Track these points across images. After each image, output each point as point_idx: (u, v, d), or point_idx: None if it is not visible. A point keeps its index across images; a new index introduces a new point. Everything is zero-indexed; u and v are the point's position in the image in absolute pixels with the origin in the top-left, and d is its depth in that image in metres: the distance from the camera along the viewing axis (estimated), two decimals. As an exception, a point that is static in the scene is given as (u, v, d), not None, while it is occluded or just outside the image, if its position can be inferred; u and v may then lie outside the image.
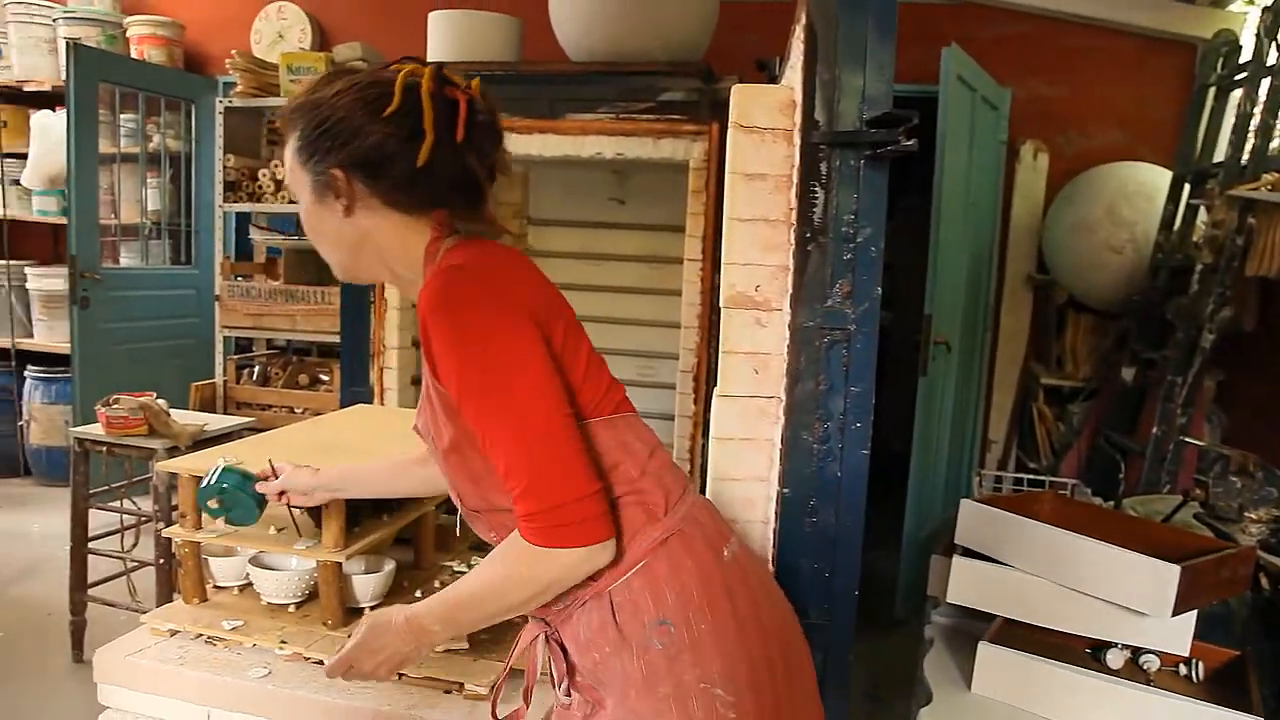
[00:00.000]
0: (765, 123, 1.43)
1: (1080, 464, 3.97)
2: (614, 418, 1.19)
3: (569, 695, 1.26)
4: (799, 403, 1.41)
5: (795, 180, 1.40)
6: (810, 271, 1.37)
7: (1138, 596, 1.60)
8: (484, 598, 1.15)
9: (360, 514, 2.03)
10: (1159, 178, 3.79)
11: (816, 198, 1.34)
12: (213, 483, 1.65)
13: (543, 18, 3.33)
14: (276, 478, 1.73)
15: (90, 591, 3.08)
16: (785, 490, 1.44)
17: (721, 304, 1.48)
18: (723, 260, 1.48)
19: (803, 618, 1.51)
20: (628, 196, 3.89)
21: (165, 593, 2.93)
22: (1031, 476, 3.05)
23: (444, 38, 3.37)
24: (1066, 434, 4.15)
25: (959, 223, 3.65)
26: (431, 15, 3.42)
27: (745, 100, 1.42)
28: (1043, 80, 4.24)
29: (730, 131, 1.44)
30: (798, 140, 1.39)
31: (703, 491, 3.00)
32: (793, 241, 1.40)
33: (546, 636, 1.25)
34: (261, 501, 1.76)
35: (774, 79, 2.65)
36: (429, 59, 3.46)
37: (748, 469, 1.54)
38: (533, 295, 1.17)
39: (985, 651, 1.63)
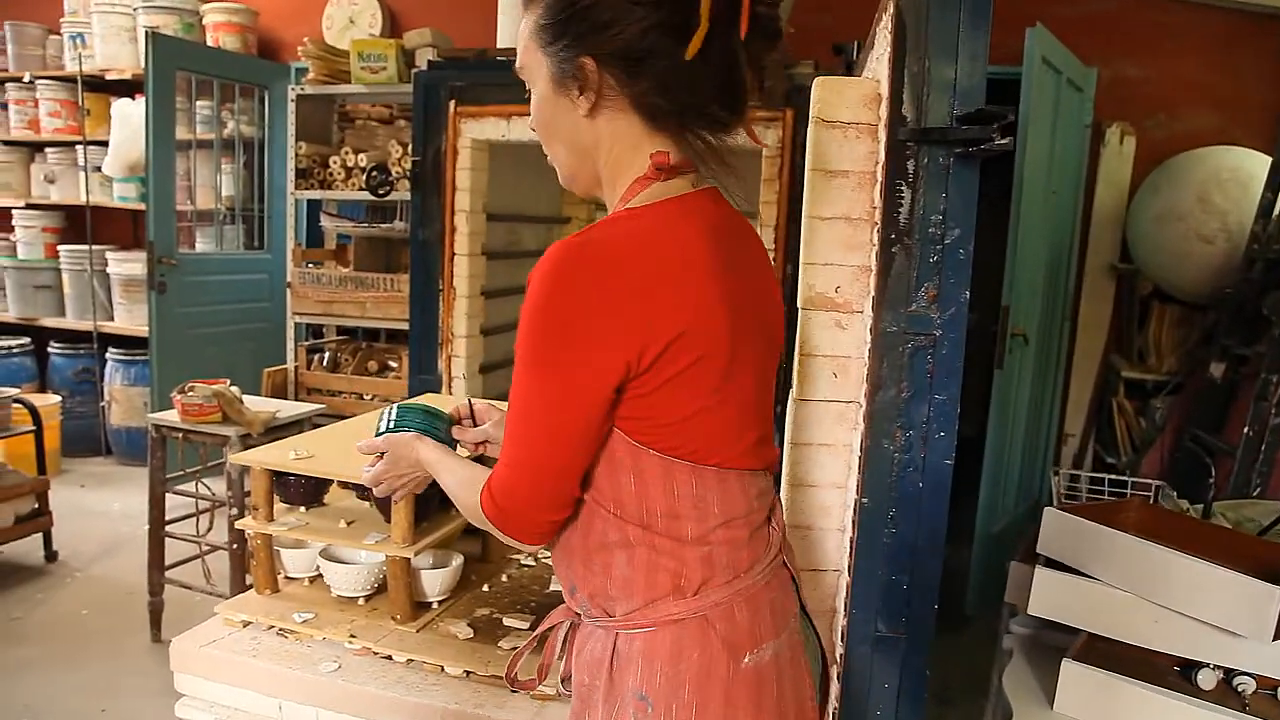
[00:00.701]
0: (848, 117, 1.37)
1: (1163, 462, 3.82)
2: (703, 468, 1.03)
3: (566, 689, 1.25)
4: (880, 410, 1.36)
5: (880, 178, 1.33)
6: (895, 274, 1.31)
7: (1234, 618, 1.51)
8: (454, 495, 1.21)
9: (429, 508, 2.03)
10: (1255, 163, 3.60)
11: (903, 197, 1.28)
12: (389, 427, 1.36)
13: (614, 2, 3.29)
14: (475, 422, 1.43)
15: (167, 573, 3.16)
16: (864, 500, 1.39)
17: (800, 305, 1.42)
18: (802, 260, 1.43)
19: (877, 630, 1.46)
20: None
21: (239, 577, 2.99)
22: (1112, 477, 2.93)
23: (513, 21, 3.34)
24: (1148, 430, 4.00)
25: (1039, 210, 3.52)
26: (502, 1, 3.40)
27: (828, 93, 1.36)
28: (1130, 60, 4.06)
29: (812, 126, 1.38)
30: (883, 136, 1.33)
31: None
32: (876, 242, 1.34)
33: (572, 625, 1.22)
34: (453, 447, 1.46)
35: (850, 65, 2.56)
36: (498, 44, 3.46)
37: (825, 475, 1.50)
38: (650, 315, 0.96)
39: (1069, 669, 1.56)
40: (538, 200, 3.78)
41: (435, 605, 2.03)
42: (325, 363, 4.06)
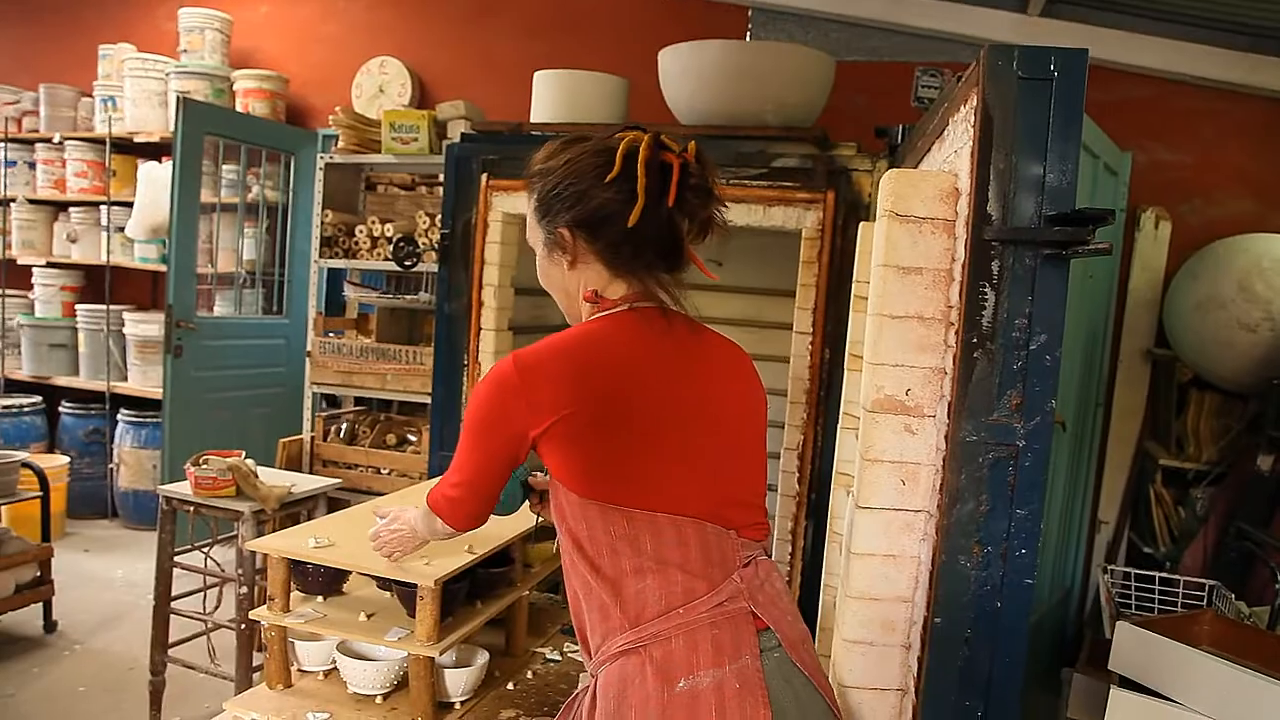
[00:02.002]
0: (923, 212, 1.30)
1: (1206, 555, 3.68)
2: (635, 512, 1.26)
3: None
4: (956, 524, 1.26)
5: (959, 277, 1.26)
6: (976, 380, 1.23)
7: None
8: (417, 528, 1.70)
9: (454, 602, 1.92)
10: (1298, 251, 3.54)
11: (986, 299, 1.20)
12: None
13: (651, 79, 3.27)
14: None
15: (170, 651, 3.03)
16: (937, 619, 1.29)
17: (867, 408, 1.34)
18: (868, 359, 1.35)
19: (951, 762, 1.35)
20: (726, 258, 3.78)
21: (245, 658, 2.87)
22: (1163, 575, 2.81)
23: (548, 96, 3.32)
24: (1189, 520, 3.86)
25: (1075, 295, 3.45)
26: (537, 75, 3.38)
27: (902, 186, 1.30)
28: (1165, 145, 4.03)
29: (884, 220, 1.31)
30: (962, 233, 1.26)
31: (813, 592, 2.87)
32: (954, 344, 1.26)
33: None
34: (528, 494, 1.75)
35: (894, 148, 2.52)
36: (532, 118, 3.44)
37: (889, 588, 1.39)
38: (592, 383, 1.28)
39: (1156, 809, 1.44)
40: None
41: (458, 706, 1.92)
42: (342, 434, 3.97)
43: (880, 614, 1.42)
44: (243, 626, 2.82)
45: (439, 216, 3.76)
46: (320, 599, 2.00)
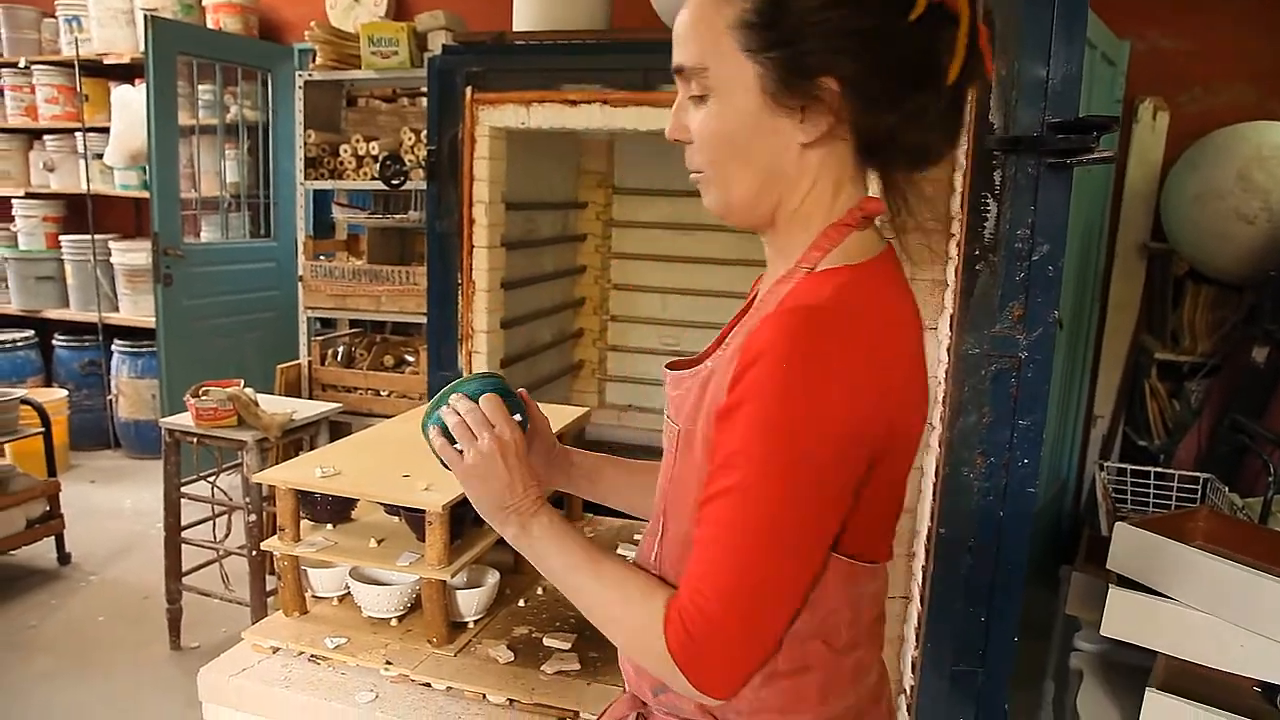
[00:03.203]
0: (924, 122, 1.27)
1: (1200, 448, 3.74)
2: (859, 565, 0.92)
3: None
4: (960, 435, 1.27)
5: (959, 188, 1.24)
6: (978, 292, 1.22)
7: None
8: (592, 601, 0.95)
9: (463, 525, 1.95)
10: (1299, 139, 3.49)
11: (988, 210, 1.19)
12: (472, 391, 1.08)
13: (634, -19, 3.16)
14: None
15: (184, 579, 3.09)
16: (942, 530, 1.31)
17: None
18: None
19: (954, 665, 1.39)
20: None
21: (258, 582, 2.93)
22: (1157, 470, 2.85)
23: (529, 4, 3.21)
24: (1184, 414, 3.91)
25: (1073, 192, 3.41)
26: (516, -20, 3.26)
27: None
28: (1163, 31, 3.93)
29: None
30: (962, 142, 1.23)
31: None
32: (952, 255, 1.25)
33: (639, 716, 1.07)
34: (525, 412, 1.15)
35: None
36: (514, 27, 3.34)
37: (893, 502, 1.41)
38: (896, 390, 0.87)
39: (1155, 700, 1.49)
40: (552, 186, 3.68)
41: (471, 625, 1.97)
42: (339, 358, 3.97)
43: (884, 525, 1.44)
44: (254, 553, 2.87)
45: (424, 132, 3.68)
46: (330, 527, 2.02)
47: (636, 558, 1.07)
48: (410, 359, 3.92)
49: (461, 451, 1.02)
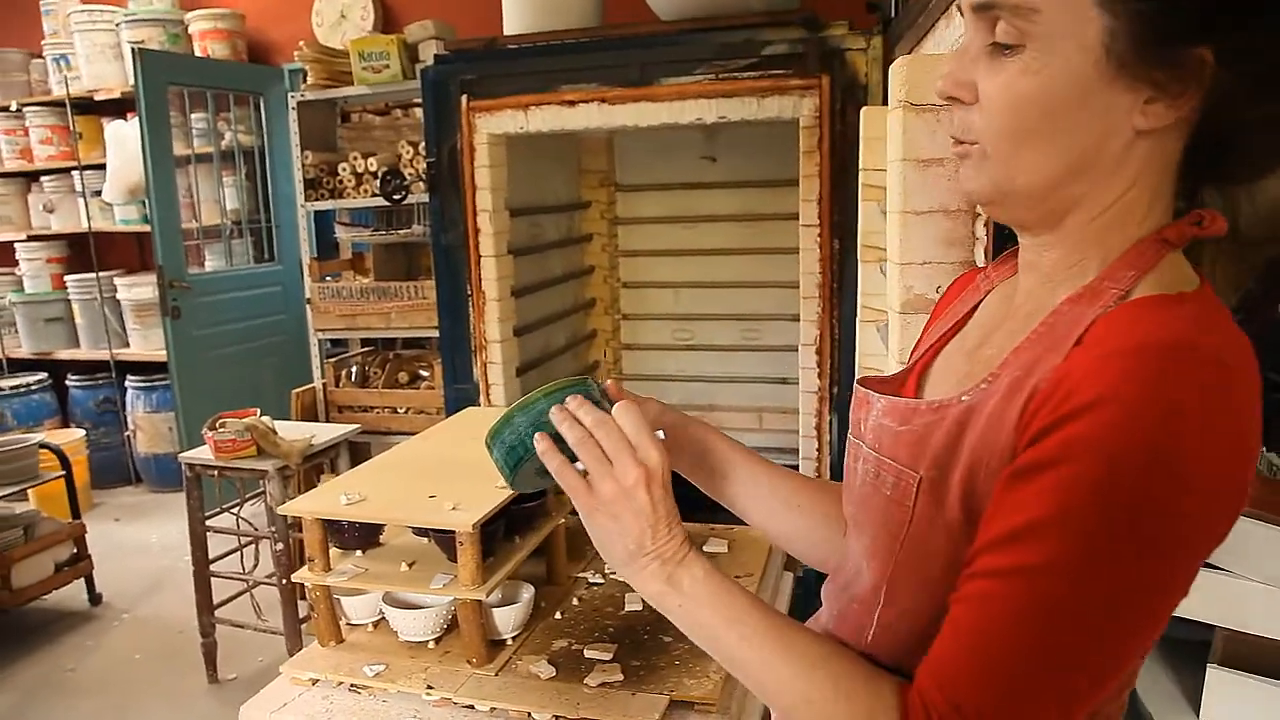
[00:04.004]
0: (940, 99, 1.23)
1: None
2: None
3: None
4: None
5: None
6: (1009, 271, 1.18)
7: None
8: (778, 682, 0.77)
9: (493, 541, 1.93)
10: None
11: None
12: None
13: (624, -26, 3.13)
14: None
15: (216, 612, 3.08)
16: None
17: (898, 309, 1.30)
18: (894, 260, 1.30)
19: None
20: (718, 153, 3.69)
21: (291, 611, 2.92)
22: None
23: (519, 6, 3.18)
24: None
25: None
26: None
27: (916, 74, 1.23)
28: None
29: (898, 112, 1.25)
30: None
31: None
32: (980, 235, 1.21)
33: None
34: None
35: (888, 23, 2.41)
36: (505, 31, 3.30)
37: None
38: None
39: (1217, 677, 1.45)
40: (555, 188, 3.65)
41: (510, 641, 1.94)
42: (354, 378, 3.95)
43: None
44: (284, 582, 2.85)
45: (421, 144, 3.65)
46: (359, 553, 2.00)
47: (828, 627, 0.90)
48: (425, 374, 3.90)
49: (585, 473, 0.80)
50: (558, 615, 2.09)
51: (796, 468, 2.88)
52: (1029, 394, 0.69)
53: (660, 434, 0.84)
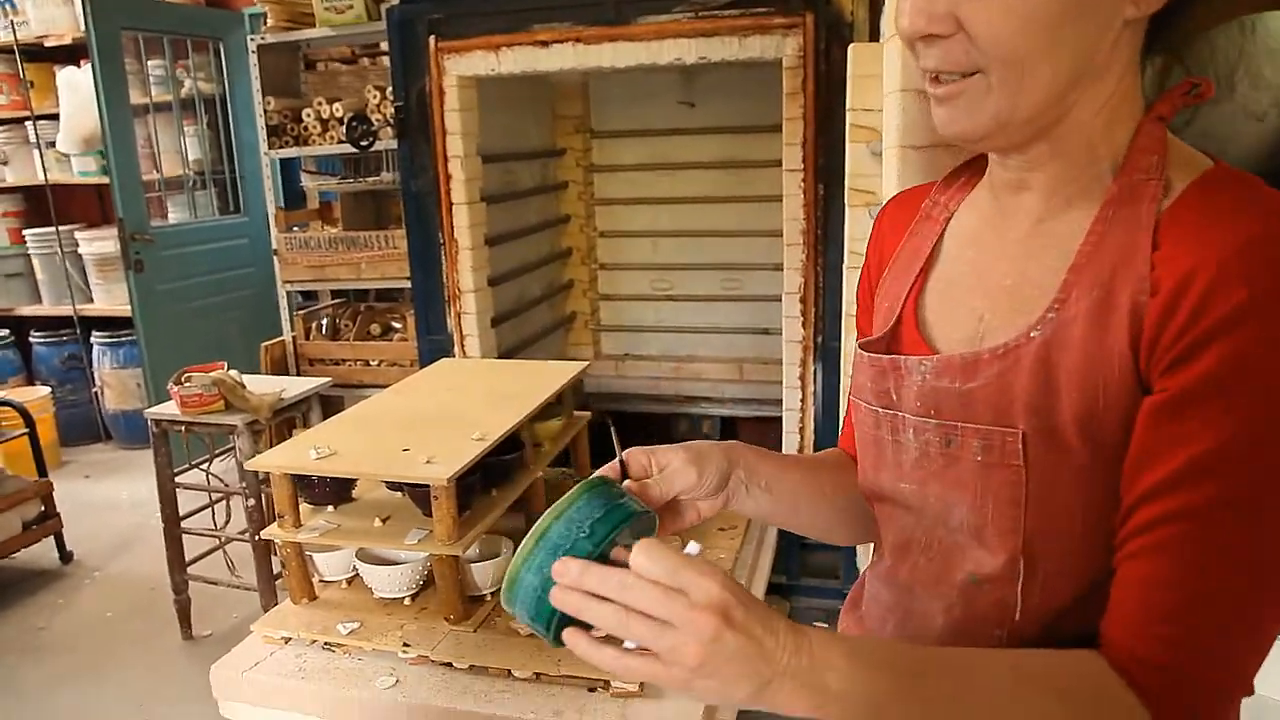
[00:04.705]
0: (937, 24, 1.16)
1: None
2: None
3: None
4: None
5: None
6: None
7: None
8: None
9: (469, 495, 1.87)
10: (1295, 21, 3.36)
11: None
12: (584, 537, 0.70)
13: (592, -90, 2.99)
14: (630, 475, 0.84)
15: (189, 569, 3.02)
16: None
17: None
18: (886, 195, 1.23)
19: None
20: (697, 97, 3.59)
21: (264, 567, 2.86)
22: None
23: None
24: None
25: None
26: (468, -79, 3.09)
27: None
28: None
29: (895, 40, 1.17)
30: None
31: (819, 443, 2.74)
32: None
33: None
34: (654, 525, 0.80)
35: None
36: (472, -31, 3.17)
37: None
38: None
39: None
40: (528, 135, 3.54)
41: (489, 598, 1.89)
42: (324, 330, 3.85)
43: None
44: (256, 538, 2.79)
45: (389, 89, 3.52)
46: (331, 509, 1.94)
47: (937, 624, 0.80)
48: (397, 326, 3.81)
49: (643, 649, 0.63)
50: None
51: (779, 420, 2.84)
52: (1132, 312, 0.65)
53: (694, 547, 0.69)
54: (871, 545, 0.96)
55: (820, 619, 2.89)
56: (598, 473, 0.80)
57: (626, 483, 0.80)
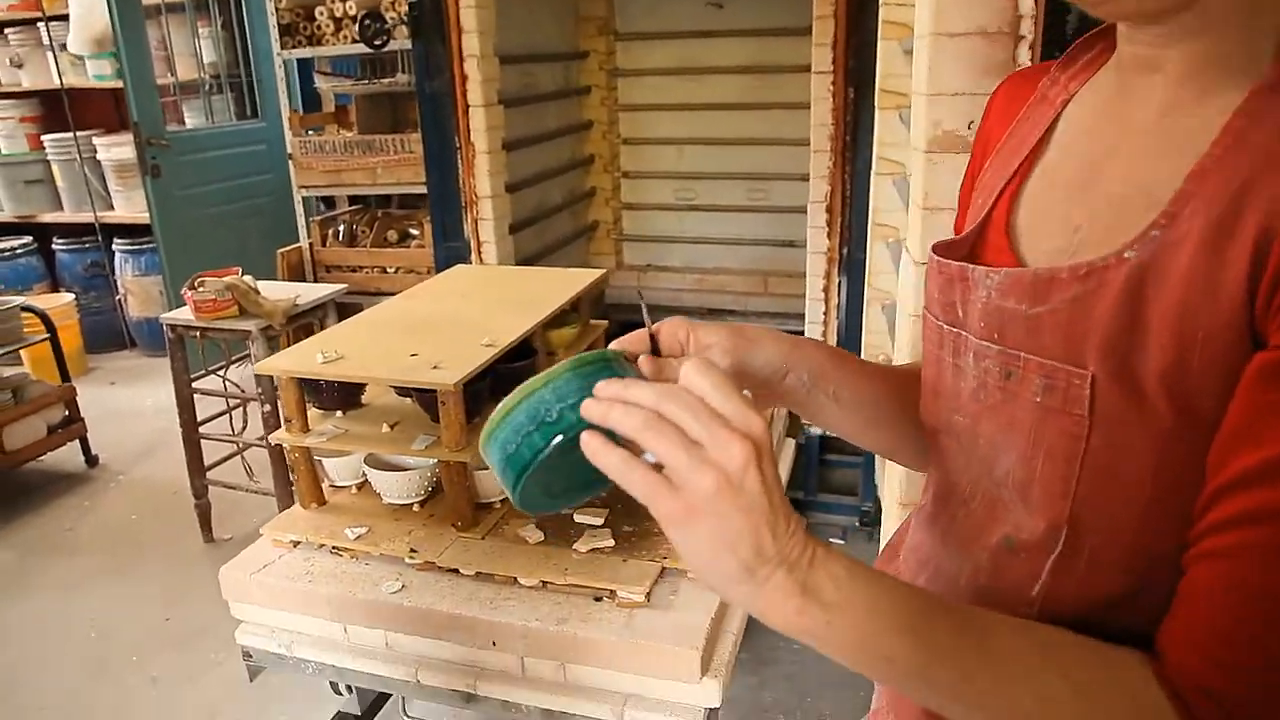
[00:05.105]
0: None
1: None
2: None
3: None
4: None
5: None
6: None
7: None
8: (987, 694, 0.56)
9: (478, 402, 1.83)
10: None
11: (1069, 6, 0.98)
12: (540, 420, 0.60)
13: None
14: (660, 352, 0.71)
15: (208, 474, 3.04)
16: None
17: (922, 147, 1.15)
18: (920, 90, 1.14)
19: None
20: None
21: (281, 471, 2.86)
22: None
23: None
24: None
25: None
26: None
27: None
28: None
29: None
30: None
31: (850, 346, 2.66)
32: (1023, 61, 1.06)
33: None
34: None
35: None
36: None
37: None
38: None
39: None
40: (549, 35, 3.41)
41: (497, 506, 1.87)
42: (341, 237, 3.80)
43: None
44: (273, 444, 2.79)
45: (403, -15, 3.40)
46: (339, 414, 1.91)
47: (959, 582, 0.70)
48: (415, 232, 3.75)
49: (659, 468, 0.55)
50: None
51: (802, 333, 2.77)
52: (1259, 239, 0.49)
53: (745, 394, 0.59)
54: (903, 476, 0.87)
55: (838, 536, 2.87)
56: (621, 340, 0.69)
57: (641, 360, 0.67)
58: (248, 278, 2.81)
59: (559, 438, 0.58)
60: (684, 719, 1.49)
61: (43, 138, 5.05)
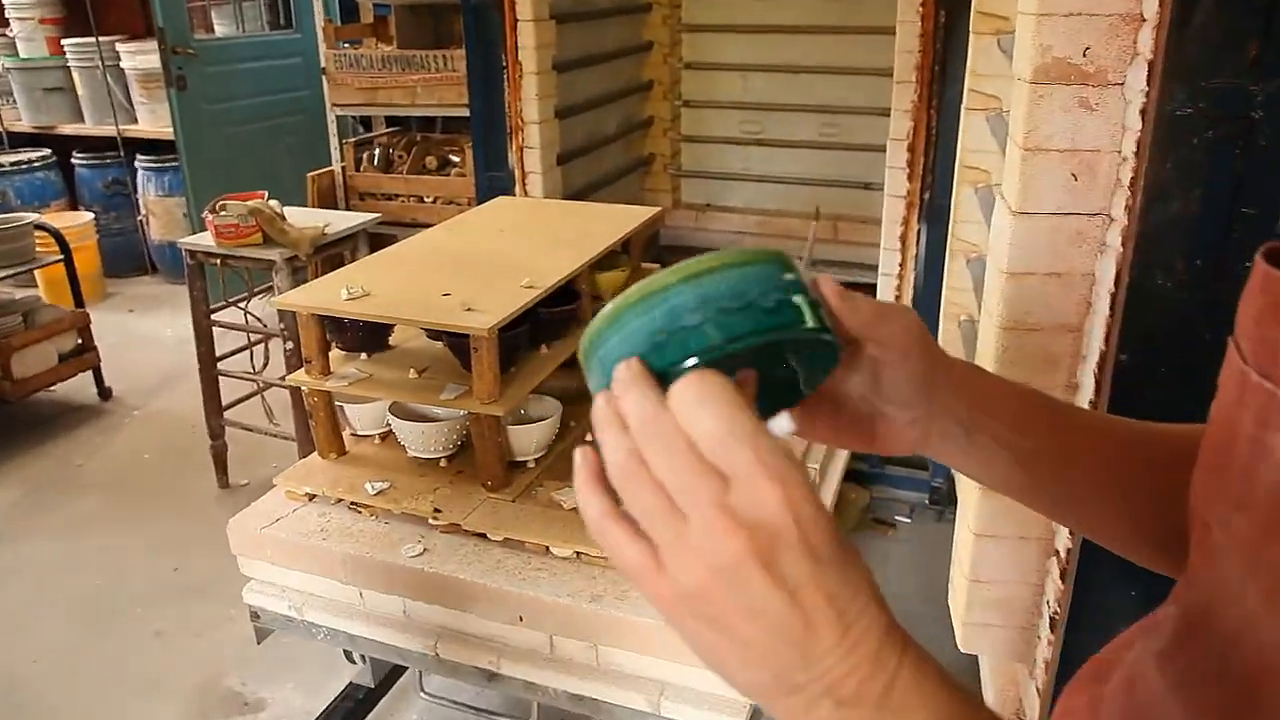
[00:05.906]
0: None
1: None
2: None
3: None
4: (1155, 230, 1.03)
5: None
6: (1194, 26, 0.94)
7: None
8: None
9: (515, 350, 1.79)
10: None
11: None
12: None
13: None
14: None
15: (226, 413, 3.06)
16: (1123, 356, 1.09)
17: (1027, 77, 1.06)
18: (1027, 9, 1.05)
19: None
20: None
21: (302, 415, 2.87)
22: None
23: None
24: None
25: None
26: None
27: None
28: None
29: None
30: None
31: (928, 315, 2.48)
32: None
33: None
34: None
35: None
36: None
37: (1051, 315, 1.19)
38: None
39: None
40: (609, -56, 3.31)
41: (531, 465, 1.84)
42: (376, 161, 3.77)
43: (1039, 346, 1.22)
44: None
45: (452, -116, 3.31)
46: (364, 356, 1.88)
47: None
48: (455, 160, 3.70)
49: (638, 529, 0.44)
50: (588, 437, 1.98)
51: (874, 287, 2.69)
52: None
53: (786, 423, 0.48)
54: None
55: (904, 514, 2.81)
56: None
57: (823, 282, 0.54)
58: (274, 203, 2.79)
59: (692, 360, 0.46)
60: (725, 714, 1.46)
61: (63, 42, 5.07)
